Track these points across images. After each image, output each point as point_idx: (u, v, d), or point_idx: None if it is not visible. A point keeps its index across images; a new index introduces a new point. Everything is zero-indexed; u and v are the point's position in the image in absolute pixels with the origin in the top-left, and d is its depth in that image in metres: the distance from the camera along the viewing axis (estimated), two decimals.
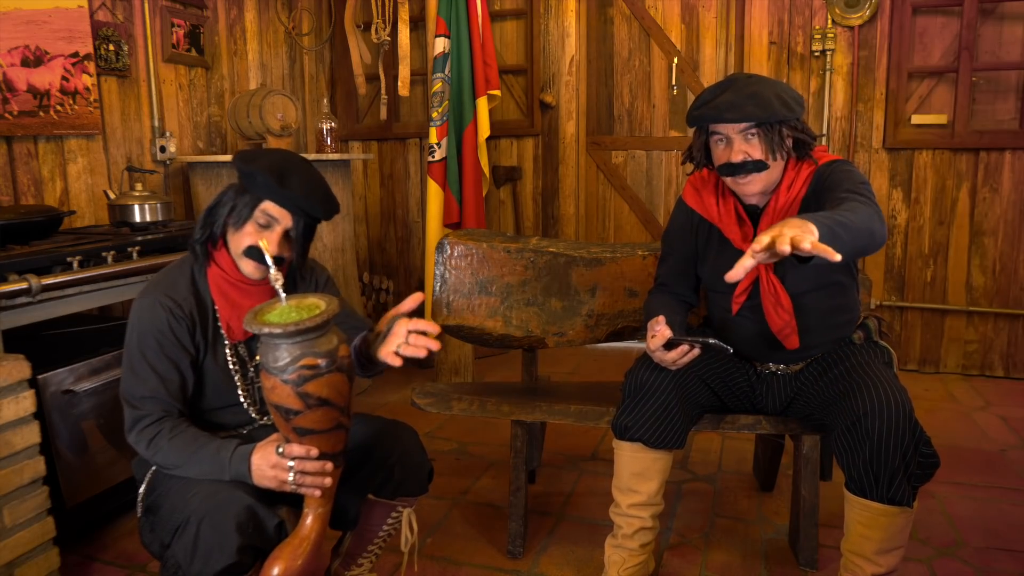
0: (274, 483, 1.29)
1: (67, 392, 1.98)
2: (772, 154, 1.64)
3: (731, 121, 1.62)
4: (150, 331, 1.39)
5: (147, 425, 1.37)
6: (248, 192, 1.41)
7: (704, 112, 1.64)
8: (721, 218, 1.77)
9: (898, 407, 1.52)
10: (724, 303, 1.81)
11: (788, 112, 1.61)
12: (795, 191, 1.69)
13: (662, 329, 1.62)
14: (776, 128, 1.63)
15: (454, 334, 2.27)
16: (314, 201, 1.41)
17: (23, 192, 2.57)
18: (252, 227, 1.41)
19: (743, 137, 1.63)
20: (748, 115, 1.59)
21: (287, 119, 3.16)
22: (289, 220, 1.42)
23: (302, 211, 1.42)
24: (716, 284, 1.81)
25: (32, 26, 2.55)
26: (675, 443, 1.73)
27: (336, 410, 1.26)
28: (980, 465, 2.56)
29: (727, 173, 1.68)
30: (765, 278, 1.70)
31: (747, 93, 1.60)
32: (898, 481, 1.53)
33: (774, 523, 2.20)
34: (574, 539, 2.13)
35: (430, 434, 2.90)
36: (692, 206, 1.85)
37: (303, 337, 1.20)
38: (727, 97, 1.61)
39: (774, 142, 1.63)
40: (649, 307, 1.86)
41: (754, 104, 1.59)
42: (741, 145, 1.63)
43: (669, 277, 1.91)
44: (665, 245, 1.93)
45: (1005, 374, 3.49)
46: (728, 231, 1.75)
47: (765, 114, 1.59)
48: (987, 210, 3.42)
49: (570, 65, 3.89)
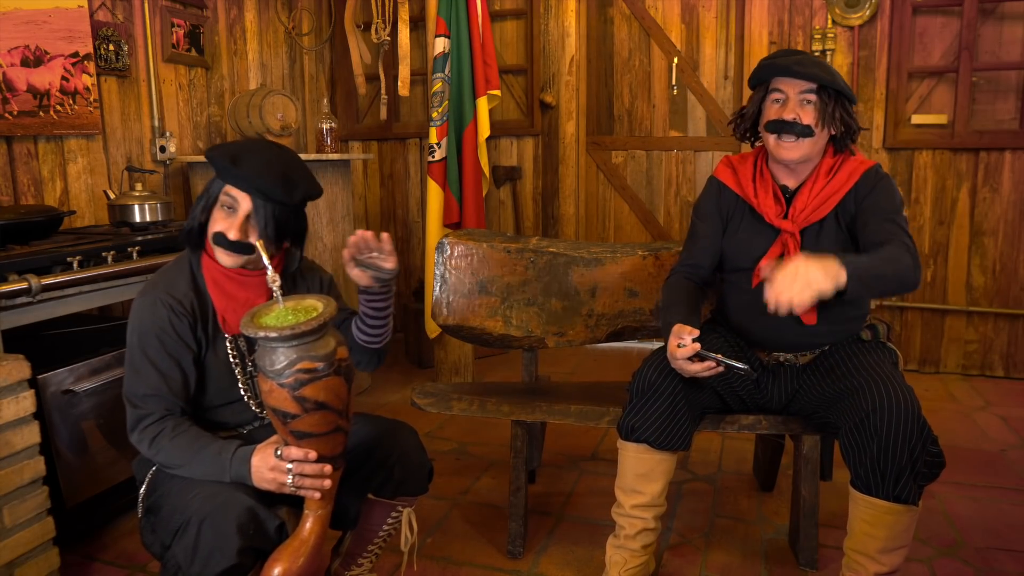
0: (273, 485, 1.29)
1: (67, 392, 1.98)
2: (821, 124, 1.69)
3: (798, 76, 1.68)
4: (151, 329, 1.39)
5: (149, 424, 1.37)
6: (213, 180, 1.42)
7: (776, 62, 1.71)
8: (757, 194, 1.80)
9: (906, 405, 1.53)
10: (743, 280, 1.82)
11: (847, 89, 1.69)
12: (836, 184, 1.73)
13: (689, 340, 1.63)
14: (832, 99, 1.69)
15: (454, 334, 2.27)
16: (269, 182, 1.35)
17: (23, 192, 2.57)
18: (219, 213, 1.40)
19: (801, 100, 1.70)
20: (814, 75, 1.66)
21: (287, 119, 3.16)
22: (248, 202, 1.38)
23: (259, 192, 1.37)
24: (739, 259, 1.83)
25: (32, 26, 2.55)
26: (681, 445, 1.73)
27: (334, 413, 1.26)
28: (980, 465, 2.56)
29: (774, 129, 1.72)
30: (792, 253, 1.72)
31: (816, 60, 1.70)
32: (904, 479, 1.53)
33: (774, 523, 2.20)
34: (574, 539, 2.13)
35: (430, 434, 2.90)
36: (724, 181, 1.88)
37: (300, 341, 1.19)
38: (799, 57, 1.70)
39: (827, 112, 1.69)
40: (667, 294, 1.86)
41: (821, 68, 1.67)
42: (796, 107, 1.69)
43: (694, 254, 1.91)
44: (694, 222, 1.95)
45: (1005, 374, 3.49)
46: (763, 207, 1.78)
47: (829, 79, 1.66)
48: (987, 210, 3.42)
49: (570, 65, 3.89)
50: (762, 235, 1.79)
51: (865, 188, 1.71)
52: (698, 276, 1.90)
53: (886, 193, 1.70)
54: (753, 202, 1.80)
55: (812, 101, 1.69)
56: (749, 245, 1.81)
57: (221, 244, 1.40)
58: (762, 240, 1.78)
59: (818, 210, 1.73)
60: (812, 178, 1.75)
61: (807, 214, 1.73)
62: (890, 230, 1.62)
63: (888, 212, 1.66)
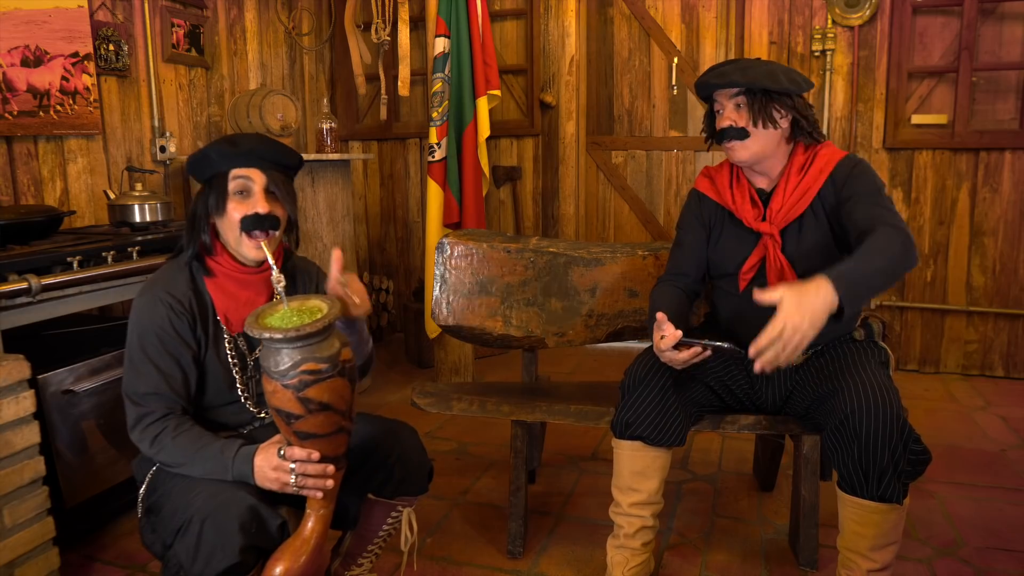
0: (276, 485, 1.29)
1: (67, 392, 1.98)
2: (754, 122, 1.73)
3: (717, 87, 1.76)
4: (151, 328, 1.39)
5: (151, 423, 1.37)
6: (212, 179, 1.43)
7: (700, 80, 1.80)
8: (735, 200, 1.83)
9: (885, 406, 1.52)
10: (731, 286, 1.84)
11: (775, 84, 1.70)
12: (810, 180, 1.74)
13: (671, 329, 1.60)
14: (759, 98, 1.72)
15: (454, 334, 2.27)
16: (273, 149, 1.43)
17: (23, 192, 2.57)
18: (234, 203, 1.41)
19: (734, 105, 1.75)
20: (732, 82, 1.72)
21: (287, 119, 3.16)
22: (262, 175, 1.42)
23: (269, 161, 1.43)
24: (725, 265, 1.86)
25: (32, 26, 2.55)
26: (675, 440, 1.74)
27: (337, 414, 1.26)
28: (980, 465, 2.56)
29: (717, 140, 1.80)
30: (773, 255, 1.75)
31: (741, 66, 1.74)
32: (887, 479, 1.54)
33: (774, 523, 2.20)
34: (574, 539, 2.13)
35: (430, 434, 2.90)
36: (703, 191, 1.92)
37: (304, 342, 1.19)
38: (723, 68, 1.76)
39: (756, 111, 1.72)
40: (653, 300, 1.87)
41: (741, 73, 1.71)
42: (731, 113, 1.75)
43: (680, 263, 1.93)
44: (678, 233, 1.97)
45: (1005, 374, 3.49)
46: (741, 212, 1.81)
47: (746, 80, 1.70)
48: (987, 210, 3.42)
49: (570, 65, 3.89)
50: (743, 240, 1.82)
51: (841, 177, 1.71)
52: (683, 284, 1.91)
53: (864, 178, 1.69)
54: (732, 207, 1.83)
55: (742, 104, 1.73)
56: (732, 251, 1.84)
57: (253, 225, 1.41)
58: (744, 245, 1.81)
59: (794, 208, 1.74)
60: (784, 177, 1.78)
61: (784, 213, 1.75)
62: (876, 214, 1.58)
63: (870, 196, 1.65)
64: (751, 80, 1.69)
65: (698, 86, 1.82)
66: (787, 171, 1.78)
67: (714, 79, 1.75)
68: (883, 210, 1.61)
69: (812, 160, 1.76)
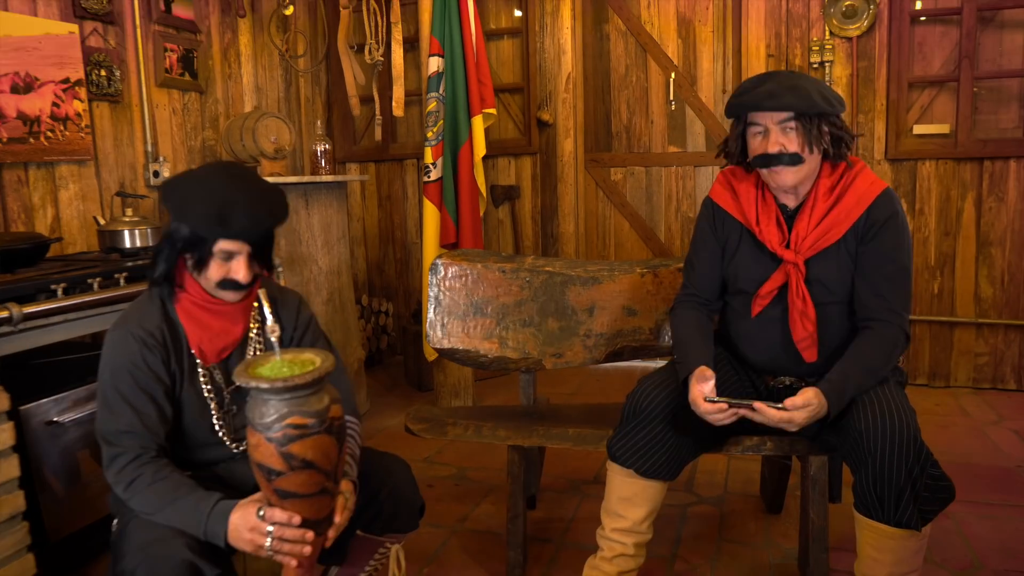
0: (250, 547, 1.22)
1: (51, 423, 1.93)
2: (809, 147, 1.61)
3: (770, 109, 1.60)
4: (123, 365, 1.34)
5: (125, 464, 1.32)
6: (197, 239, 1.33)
7: (744, 100, 1.63)
8: (759, 221, 1.72)
9: (901, 426, 1.47)
10: (743, 306, 1.76)
11: (828, 106, 1.59)
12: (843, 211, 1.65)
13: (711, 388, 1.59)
14: (815, 122, 1.60)
15: (449, 357, 2.21)
16: (263, 222, 1.35)
17: (13, 220, 2.54)
18: (216, 264, 1.35)
19: (781, 129, 1.61)
20: (787, 105, 1.57)
21: (280, 141, 3.14)
22: (248, 246, 1.35)
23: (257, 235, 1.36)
24: (739, 283, 1.77)
25: (22, 52, 2.53)
26: (666, 475, 1.69)
27: (321, 474, 1.19)
28: (995, 482, 2.48)
29: (762, 164, 1.64)
30: (795, 286, 1.66)
31: (788, 85, 1.59)
32: (904, 503, 1.48)
33: (782, 547, 2.12)
34: (575, 567, 2.04)
35: (429, 459, 2.84)
36: (722, 205, 1.80)
37: (292, 394, 1.14)
38: (768, 87, 1.60)
39: (811, 135, 1.60)
40: (680, 330, 1.78)
41: (794, 95, 1.57)
42: (779, 137, 1.61)
43: (696, 281, 1.84)
44: (692, 246, 1.88)
45: (1017, 387, 3.40)
46: (765, 235, 1.70)
47: (804, 105, 1.57)
48: (993, 220, 3.36)
49: (567, 82, 3.86)
50: (761, 261, 1.72)
51: (877, 221, 1.62)
52: (704, 305, 1.84)
53: (894, 234, 1.62)
54: (755, 229, 1.72)
55: (793, 128, 1.60)
56: (749, 270, 1.74)
57: (232, 288, 1.37)
58: (761, 266, 1.72)
59: (823, 238, 1.65)
60: (811, 198, 1.67)
61: (811, 242, 1.65)
62: (879, 302, 1.63)
63: (889, 261, 1.63)
64: (810, 104, 1.57)
65: (739, 107, 1.65)
66: (815, 191, 1.67)
67: (767, 101, 1.59)
68: (891, 290, 1.63)
69: (845, 185, 1.66)
